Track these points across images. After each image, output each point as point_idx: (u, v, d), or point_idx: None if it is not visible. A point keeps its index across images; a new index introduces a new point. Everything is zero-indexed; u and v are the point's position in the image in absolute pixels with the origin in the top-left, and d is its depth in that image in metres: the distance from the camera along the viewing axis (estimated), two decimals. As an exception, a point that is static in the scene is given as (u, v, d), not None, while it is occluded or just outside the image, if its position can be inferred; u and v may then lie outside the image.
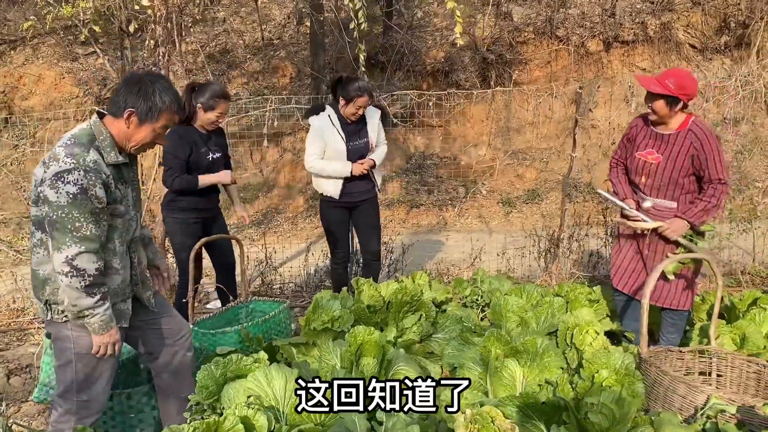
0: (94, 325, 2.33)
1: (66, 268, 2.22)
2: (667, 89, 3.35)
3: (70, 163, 2.19)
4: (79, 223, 2.20)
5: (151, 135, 2.38)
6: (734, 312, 3.96)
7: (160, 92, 2.33)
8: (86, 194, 2.20)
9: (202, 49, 10.81)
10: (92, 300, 2.28)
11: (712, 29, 10.51)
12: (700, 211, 3.40)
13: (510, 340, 3.12)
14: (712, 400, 2.61)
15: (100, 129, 2.34)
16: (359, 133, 4.33)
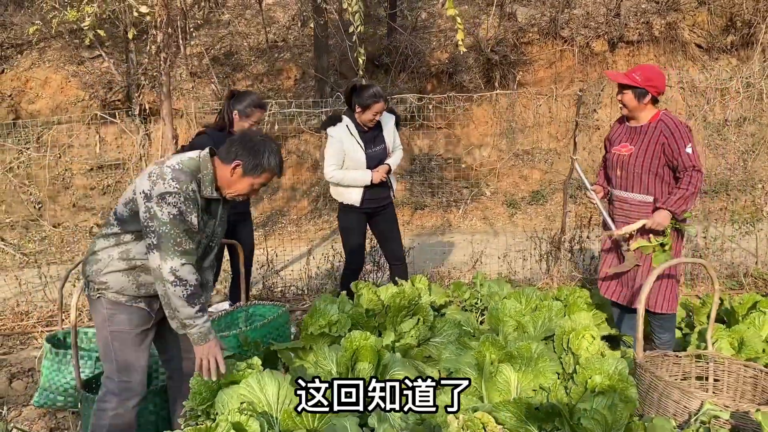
0: (194, 336, 2.51)
1: (171, 278, 2.43)
2: (634, 81, 3.46)
3: (174, 187, 2.44)
4: (179, 238, 2.44)
5: (249, 188, 2.62)
6: (734, 316, 3.94)
7: (268, 154, 2.57)
8: (183, 217, 2.45)
9: (207, 51, 10.85)
10: (193, 310, 2.48)
11: (718, 29, 10.45)
12: (679, 199, 3.42)
13: (505, 345, 3.12)
14: (706, 405, 2.61)
15: (206, 164, 2.58)
16: (376, 139, 4.39)
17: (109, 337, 2.60)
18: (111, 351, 2.61)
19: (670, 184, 3.53)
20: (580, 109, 5.72)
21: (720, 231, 5.76)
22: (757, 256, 5.49)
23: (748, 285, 5.11)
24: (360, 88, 4.24)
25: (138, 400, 2.67)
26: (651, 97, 3.51)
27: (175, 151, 4.25)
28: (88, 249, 2.69)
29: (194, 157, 2.57)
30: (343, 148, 4.28)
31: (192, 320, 2.48)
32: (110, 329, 2.59)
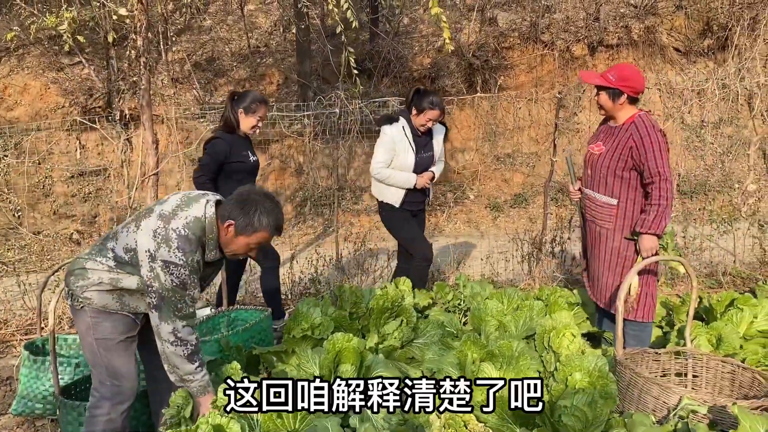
0: (194, 389, 2.59)
1: (171, 338, 2.49)
2: (608, 81, 3.43)
3: (179, 259, 2.44)
4: (180, 304, 2.49)
5: (245, 248, 2.60)
6: (712, 313, 3.99)
7: (260, 213, 2.53)
8: (185, 289, 2.48)
9: (189, 57, 10.81)
10: (192, 366, 2.55)
11: (695, 32, 10.60)
12: (657, 217, 3.32)
13: (486, 344, 3.14)
14: (685, 400, 2.64)
15: (212, 227, 2.56)
16: (426, 146, 4.47)
17: (94, 344, 2.61)
18: (98, 357, 2.63)
19: (636, 189, 3.45)
20: (560, 112, 5.78)
21: (699, 230, 5.83)
22: (735, 255, 5.56)
23: (726, 283, 5.17)
24: (422, 93, 4.35)
25: (129, 405, 2.69)
26: (627, 97, 3.45)
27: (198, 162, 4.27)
28: (75, 260, 2.66)
29: (200, 217, 2.53)
30: (395, 148, 4.34)
31: (192, 375, 2.55)
32: (95, 337, 2.60)
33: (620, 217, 3.51)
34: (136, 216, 2.63)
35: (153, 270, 2.44)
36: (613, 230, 3.54)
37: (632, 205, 3.48)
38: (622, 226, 3.52)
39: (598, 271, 3.65)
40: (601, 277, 3.64)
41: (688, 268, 3.23)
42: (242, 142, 4.29)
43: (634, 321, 3.53)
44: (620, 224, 3.52)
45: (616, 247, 3.54)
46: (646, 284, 3.50)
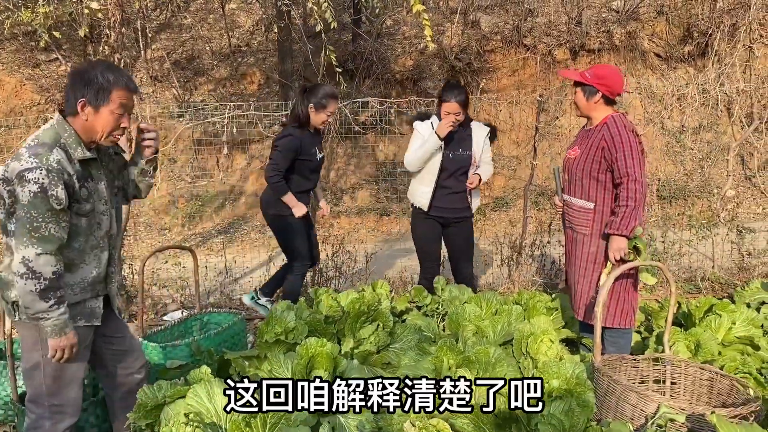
0: (47, 329, 2.27)
1: (22, 269, 2.20)
2: (584, 78, 3.38)
3: (32, 162, 2.18)
4: (37, 223, 2.19)
5: (113, 120, 2.34)
6: (691, 319, 3.97)
7: (102, 73, 2.30)
8: (46, 194, 2.18)
9: (168, 56, 10.68)
10: (46, 304, 2.24)
11: (676, 38, 10.68)
12: (624, 218, 3.26)
13: (463, 350, 3.07)
14: (662, 409, 2.59)
15: (63, 127, 2.32)
16: (462, 143, 4.23)
17: (41, 362, 2.36)
18: (41, 375, 2.38)
19: (612, 192, 3.39)
20: (541, 115, 5.75)
21: (678, 235, 5.83)
22: (714, 260, 5.56)
23: (705, 289, 5.17)
24: (446, 86, 4.23)
25: (72, 422, 2.47)
26: (602, 97, 3.38)
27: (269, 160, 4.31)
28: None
29: (47, 128, 2.32)
30: (423, 140, 4.22)
31: (45, 313, 2.24)
32: (43, 353, 2.34)
33: (597, 222, 3.44)
34: None
35: (12, 193, 2.19)
36: (590, 235, 3.47)
37: (608, 209, 3.41)
38: (598, 231, 3.44)
39: (573, 278, 3.58)
40: (575, 284, 3.57)
41: (667, 274, 3.19)
42: (312, 138, 4.27)
43: (612, 328, 3.48)
44: (597, 229, 3.45)
45: (593, 252, 3.47)
46: (624, 290, 3.45)
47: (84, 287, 2.43)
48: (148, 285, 5.42)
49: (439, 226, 4.38)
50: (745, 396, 2.80)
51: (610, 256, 3.34)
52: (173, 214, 9.27)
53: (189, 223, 9.22)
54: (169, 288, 5.46)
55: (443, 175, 4.21)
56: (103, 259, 2.49)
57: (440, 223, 4.36)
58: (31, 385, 2.42)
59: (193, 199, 9.41)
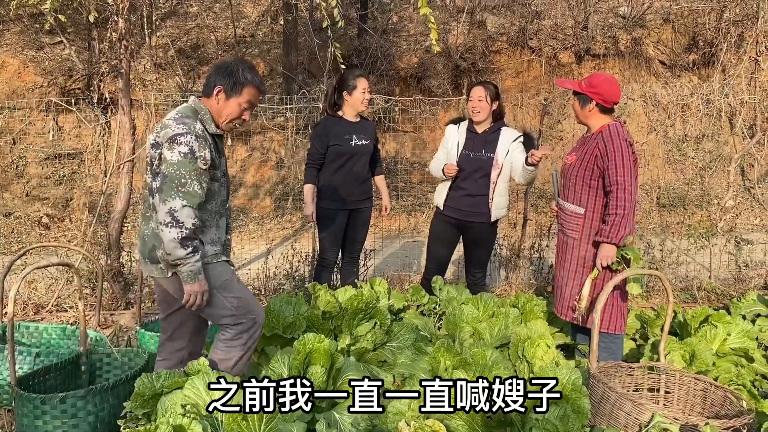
0: (184, 274, 2.56)
1: (167, 219, 2.48)
2: (579, 87, 3.45)
3: (182, 129, 2.52)
4: (184, 179, 2.49)
5: (238, 109, 2.69)
6: (686, 329, 3.99)
7: (243, 70, 2.67)
8: (194, 155, 2.50)
9: (173, 44, 10.65)
10: (184, 251, 2.51)
11: (681, 47, 10.68)
12: (612, 227, 3.30)
13: (460, 352, 3.09)
14: (657, 418, 2.61)
15: (200, 105, 2.69)
16: (487, 145, 4.16)
17: (215, 293, 2.69)
18: (223, 301, 2.72)
19: (603, 198, 3.43)
20: (545, 118, 5.75)
21: (676, 244, 5.85)
22: (711, 271, 5.58)
23: (701, 298, 5.19)
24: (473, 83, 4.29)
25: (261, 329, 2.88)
26: (597, 105, 3.43)
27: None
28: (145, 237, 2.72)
29: (187, 105, 2.67)
30: (446, 144, 4.28)
31: (183, 260, 2.52)
32: (213, 287, 2.68)
33: (587, 227, 3.50)
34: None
35: (161, 155, 2.52)
36: (579, 240, 3.53)
37: (599, 215, 3.47)
38: (588, 236, 3.50)
39: (562, 281, 3.62)
40: (564, 286, 3.61)
41: (665, 283, 3.21)
42: (349, 126, 4.31)
43: (604, 333, 3.50)
44: (587, 234, 3.50)
45: (582, 256, 3.52)
46: (613, 297, 3.47)
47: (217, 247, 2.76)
48: (147, 273, 5.41)
49: (455, 229, 4.32)
50: (738, 408, 2.82)
51: (598, 262, 3.40)
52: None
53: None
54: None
55: (460, 176, 4.16)
56: (222, 225, 2.81)
57: (456, 226, 4.30)
58: (224, 314, 2.74)
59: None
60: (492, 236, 4.41)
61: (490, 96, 4.12)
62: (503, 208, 4.28)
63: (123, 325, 4.52)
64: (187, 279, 2.57)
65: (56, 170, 9.32)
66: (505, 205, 4.29)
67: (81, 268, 5.08)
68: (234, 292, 2.76)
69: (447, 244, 4.43)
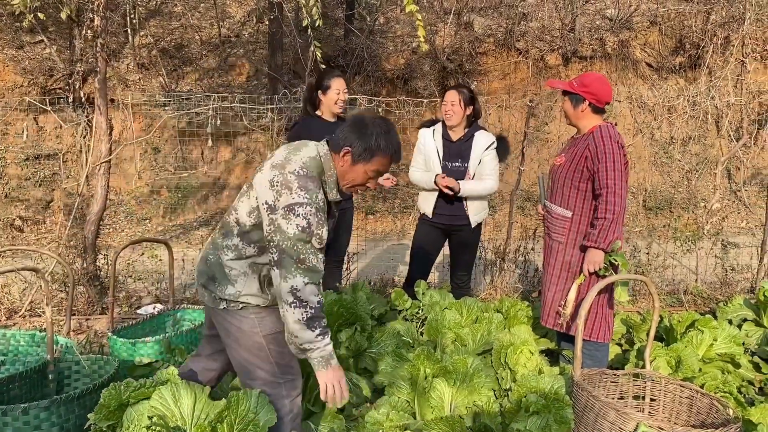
0: (314, 361, 2.29)
1: (290, 298, 2.22)
2: (571, 87, 3.34)
3: (303, 197, 2.21)
4: (304, 255, 2.22)
5: (363, 176, 2.37)
6: (672, 334, 3.92)
7: (378, 135, 2.32)
8: (310, 232, 2.22)
9: (156, 43, 10.51)
10: (312, 333, 2.25)
11: (668, 49, 10.69)
12: (602, 231, 3.21)
13: (440, 359, 3.00)
14: (641, 428, 2.53)
15: (329, 164, 2.35)
16: (462, 154, 4.11)
17: (263, 342, 2.40)
18: (267, 355, 2.42)
19: (591, 201, 3.34)
20: (530, 120, 5.69)
21: (662, 247, 5.80)
22: (697, 274, 5.53)
23: (687, 302, 5.13)
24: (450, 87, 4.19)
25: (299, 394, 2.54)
26: (590, 106, 3.34)
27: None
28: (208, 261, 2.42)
29: (314, 156, 2.32)
30: (423, 150, 4.18)
31: (312, 344, 2.25)
32: (263, 334, 2.40)
33: (573, 231, 3.40)
34: (247, 183, 2.40)
35: (273, 222, 2.22)
36: (565, 244, 3.43)
37: (586, 218, 3.37)
38: (575, 240, 3.40)
39: (545, 286, 3.53)
40: (546, 291, 3.52)
41: (651, 288, 3.14)
42: (327, 125, 4.15)
43: (589, 341, 3.42)
44: (573, 238, 3.40)
45: (567, 261, 3.42)
46: (599, 305, 3.38)
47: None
48: (124, 277, 5.30)
49: (441, 234, 4.28)
50: (724, 416, 2.75)
51: (585, 268, 3.30)
52: (155, 204, 9.13)
53: (170, 214, 9.08)
54: (144, 281, 5.34)
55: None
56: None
57: (443, 231, 4.27)
58: (262, 369, 2.43)
59: (175, 190, 9.27)
60: (477, 238, 4.38)
61: (464, 100, 4.04)
62: (482, 211, 4.24)
63: (98, 330, 4.40)
64: (319, 366, 2.28)
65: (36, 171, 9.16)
66: (483, 209, 4.25)
67: (55, 271, 4.95)
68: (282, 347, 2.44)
69: (433, 249, 4.37)
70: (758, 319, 4.30)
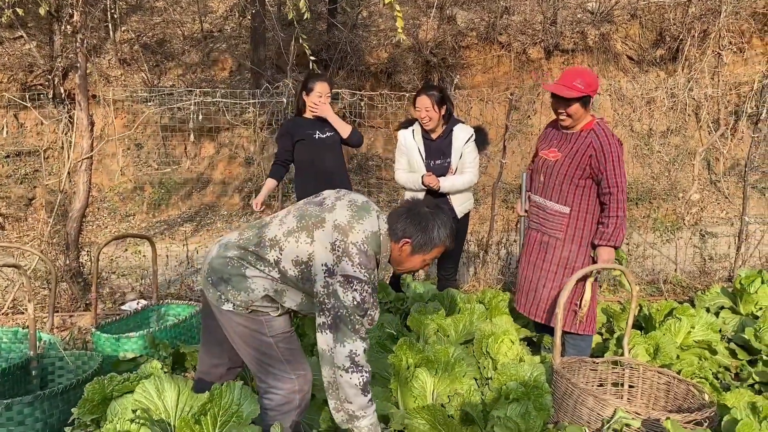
0: (363, 429, 2.31)
1: (347, 363, 2.24)
2: (580, 90, 3.25)
3: (363, 275, 2.25)
4: (359, 325, 2.25)
5: (420, 264, 2.45)
6: (651, 322, 3.99)
7: (438, 228, 2.37)
8: (364, 308, 2.25)
9: (138, 38, 10.43)
10: (365, 399, 2.29)
11: (648, 42, 10.77)
12: (616, 229, 3.27)
13: (423, 349, 3.04)
14: (619, 413, 2.59)
15: (387, 246, 2.39)
16: (443, 150, 4.14)
17: (272, 342, 2.41)
18: (278, 354, 2.42)
19: (589, 198, 3.36)
20: (511, 114, 5.73)
21: (642, 238, 5.89)
22: (677, 264, 5.62)
23: (666, 291, 5.21)
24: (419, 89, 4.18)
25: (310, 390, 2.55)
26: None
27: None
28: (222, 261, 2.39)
29: (376, 232, 2.34)
30: (406, 152, 4.20)
31: (364, 411, 2.29)
32: (271, 335, 2.40)
33: (571, 227, 3.41)
34: (302, 224, 2.35)
35: (330, 286, 2.23)
36: (563, 240, 3.43)
37: (584, 214, 3.39)
38: (572, 236, 3.42)
39: (538, 282, 3.52)
40: (541, 287, 3.52)
41: (629, 277, 3.20)
42: (311, 123, 4.27)
43: (576, 333, 3.46)
44: (571, 234, 3.42)
45: (565, 257, 3.43)
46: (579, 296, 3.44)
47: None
48: (107, 273, 5.29)
49: None
50: (700, 401, 2.82)
51: (599, 265, 3.29)
52: (138, 200, 9.08)
53: (154, 210, 9.04)
54: (128, 277, 5.33)
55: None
56: None
57: None
58: (272, 366, 2.42)
59: (158, 186, 9.22)
60: (464, 229, 4.42)
61: (436, 102, 4.04)
62: (466, 202, 4.27)
63: (82, 327, 4.39)
64: None
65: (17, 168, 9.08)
66: (467, 199, 4.28)
67: (38, 268, 4.93)
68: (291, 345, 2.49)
69: None
70: (735, 307, 4.38)
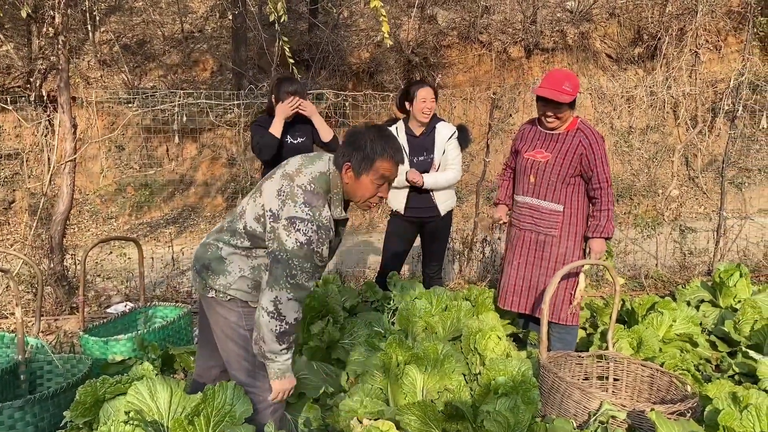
0: (271, 370, 2.34)
1: (270, 308, 2.23)
2: (570, 94, 3.32)
3: (306, 213, 2.20)
4: (295, 271, 2.20)
5: (372, 188, 2.32)
6: (634, 316, 4.07)
7: (371, 140, 2.28)
8: (311, 248, 2.19)
9: (118, 39, 10.35)
10: (279, 347, 2.28)
11: (627, 40, 10.92)
12: (607, 222, 3.42)
13: (412, 347, 3.08)
14: (605, 405, 2.65)
15: (336, 181, 2.32)
16: (426, 147, 4.15)
17: (248, 336, 2.39)
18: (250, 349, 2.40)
19: (579, 194, 3.48)
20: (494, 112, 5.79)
21: (624, 234, 5.98)
22: (657, 259, 5.72)
23: (648, 286, 5.31)
24: (406, 86, 4.18)
25: None
26: None
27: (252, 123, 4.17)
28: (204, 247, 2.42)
29: (325, 172, 2.31)
30: None
31: (275, 355, 2.29)
32: (247, 329, 2.39)
33: (566, 223, 3.52)
34: (257, 185, 2.40)
35: (274, 231, 2.21)
36: (558, 237, 3.52)
37: (576, 210, 3.51)
38: (567, 232, 3.52)
39: (538, 279, 3.57)
40: (539, 285, 3.57)
41: (612, 273, 3.27)
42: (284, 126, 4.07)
43: (558, 324, 3.54)
44: (567, 230, 3.52)
45: (562, 253, 3.52)
46: (571, 288, 3.51)
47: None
48: (92, 276, 5.26)
49: (414, 227, 4.33)
50: (683, 392, 2.89)
51: (593, 257, 3.43)
52: (120, 203, 9.02)
53: (137, 212, 8.98)
54: (114, 279, 5.30)
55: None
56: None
57: (416, 224, 4.31)
58: (247, 361, 2.41)
59: (141, 188, 9.17)
60: (447, 227, 4.44)
61: (436, 95, 4.11)
62: (449, 199, 4.29)
63: (67, 330, 4.37)
64: (274, 376, 2.34)
65: (-4, 172, 8.97)
66: (450, 196, 4.30)
67: (22, 272, 4.89)
68: None
69: (406, 242, 4.43)
70: (714, 300, 4.48)
